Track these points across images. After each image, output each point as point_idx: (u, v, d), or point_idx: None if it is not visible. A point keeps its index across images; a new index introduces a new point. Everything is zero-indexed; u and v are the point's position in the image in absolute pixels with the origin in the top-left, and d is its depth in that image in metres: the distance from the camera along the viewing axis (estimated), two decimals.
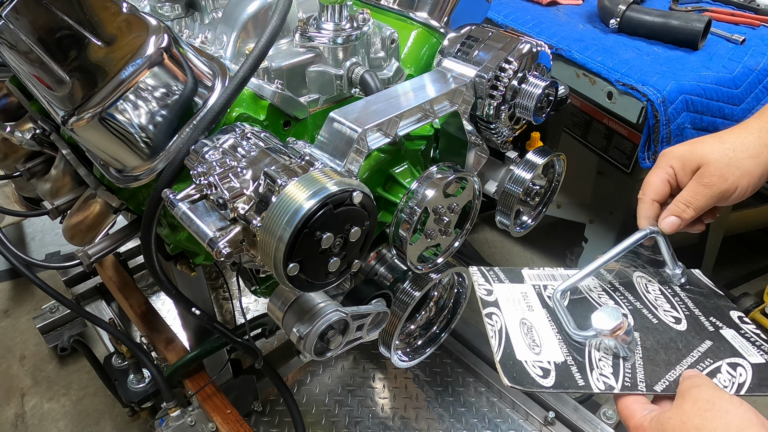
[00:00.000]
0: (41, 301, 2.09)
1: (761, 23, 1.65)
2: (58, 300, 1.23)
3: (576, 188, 1.80)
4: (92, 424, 1.75)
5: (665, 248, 0.84)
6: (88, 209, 1.00)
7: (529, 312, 0.80)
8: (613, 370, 0.72)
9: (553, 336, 0.76)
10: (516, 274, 0.86)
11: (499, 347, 0.73)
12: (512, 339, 0.75)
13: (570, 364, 0.72)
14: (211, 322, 1.02)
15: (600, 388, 0.70)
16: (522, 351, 0.73)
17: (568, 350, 0.74)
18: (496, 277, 0.85)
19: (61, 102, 0.78)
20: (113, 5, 0.83)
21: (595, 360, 0.73)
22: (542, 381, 0.70)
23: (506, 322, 0.77)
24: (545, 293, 0.83)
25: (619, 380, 0.71)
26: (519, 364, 0.72)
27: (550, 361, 0.72)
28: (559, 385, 0.70)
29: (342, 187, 0.66)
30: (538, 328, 0.77)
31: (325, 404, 1.62)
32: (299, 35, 0.91)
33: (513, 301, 0.81)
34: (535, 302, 0.81)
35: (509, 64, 0.90)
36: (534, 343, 0.75)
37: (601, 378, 0.71)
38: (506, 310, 0.79)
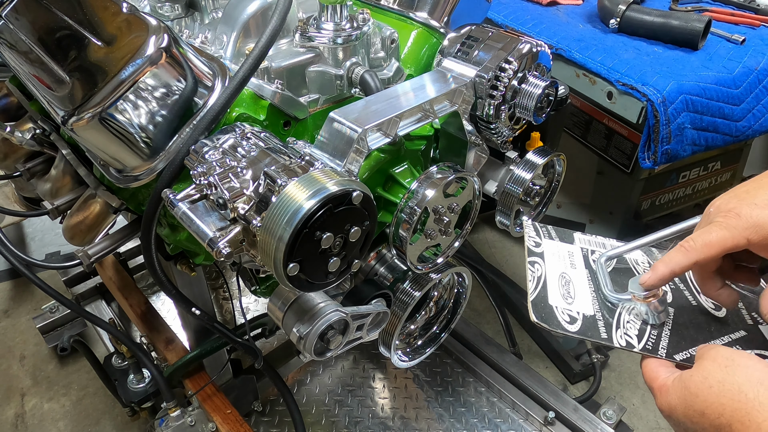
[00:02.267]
0: (41, 301, 2.09)
1: (761, 23, 1.65)
2: (58, 300, 1.23)
3: (576, 188, 1.80)
4: (92, 424, 1.75)
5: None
6: (88, 209, 1.00)
7: (571, 269, 0.82)
8: (638, 333, 0.73)
9: (588, 293, 0.78)
10: (568, 235, 0.88)
11: (534, 290, 0.75)
12: (549, 286, 0.77)
13: (598, 318, 0.74)
14: (211, 322, 1.02)
15: (621, 344, 0.71)
16: (555, 297, 0.76)
17: (599, 307, 0.76)
18: (548, 233, 0.87)
19: (61, 102, 0.78)
20: (113, 5, 0.83)
21: (624, 321, 0.74)
22: (567, 326, 0.72)
23: (547, 271, 0.79)
24: (591, 257, 0.85)
25: (641, 342, 0.72)
26: (549, 308, 0.74)
27: (579, 312, 0.74)
28: (582, 332, 0.72)
29: (342, 187, 0.66)
30: (576, 283, 0.79)
31: (325, 404, 1.62)
32: (299, 35, 0.91)
33: (558, 257, 0.83)
34: (579, 262, 0.83)
35: (509, 64, 0.90)
36: (568, 293, 0.77)
37: (624, 337, 0.72)
38: (549, 262, 0.81)
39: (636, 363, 1.94)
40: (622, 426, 1.52)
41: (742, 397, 0.54)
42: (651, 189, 1.64)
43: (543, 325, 0.71)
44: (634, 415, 1.80)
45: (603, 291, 0.78)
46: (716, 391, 0.56)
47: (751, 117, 1.44)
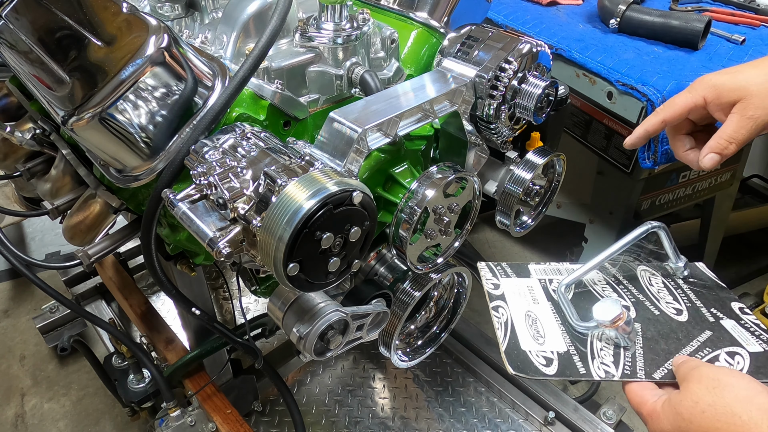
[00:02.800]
0: (41, 301, 2.09)
1: (761, 23, 1.65)
2: (58, 300, 1.23)
3: (576, 188, 1.80)
4: (92, 424, 1.75)
5: (667, 242, 0.86)
6: (88, 209, 1.00)
7: (534, 305, 0.82)
8: (613, 359, 0.74)
9: (557, 327, 0.79)
10: (523, 269, 0.89)
11: (505, 338, 0.76)
12: (517, 330, 0.78)
13: (572, 353, 0.75)
14: (211, 322, 1.02)
15: (600, 375, 0.72)
16: (526, 341, 0.76)
17: (571, 341, 0.77)
18: (503, 271, 0.88)
19: (61, 102, 0.78)
20: (113, 5, 0.83)
21: (597, 349, 0.75)
22: (545, 369, 0.73)
23: (512, 314, 0.80)
24: (551, 287, 0.85)
25: (619, 368, 0.73)
26: (523, 354, 0.74)
27: (553, 351, 0.75)
28: (561, 373, 0.72)
29: (342, 187, 0.66)
30: (542, 320, 0.80)
31: (325, 404, 1.62)
32: (299, 35, 0.91)
33: (519, 295, 0.84)
34: (541, 296, 0.84)
35: (509, 64, 0.90)
36: (538, 333, 0.77)
37: (601, 366, 0.73)
38: (512, 303, 0.82)
39: None
40: (622, 426, 1.52)
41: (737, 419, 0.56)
42: (651, 189, 1.64)
43: (520, 375, 0.72)
44: (634, 415, 1.80)
45: (570, 322, 0.79)
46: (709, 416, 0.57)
47: None
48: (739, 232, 2.20)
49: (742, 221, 2.21)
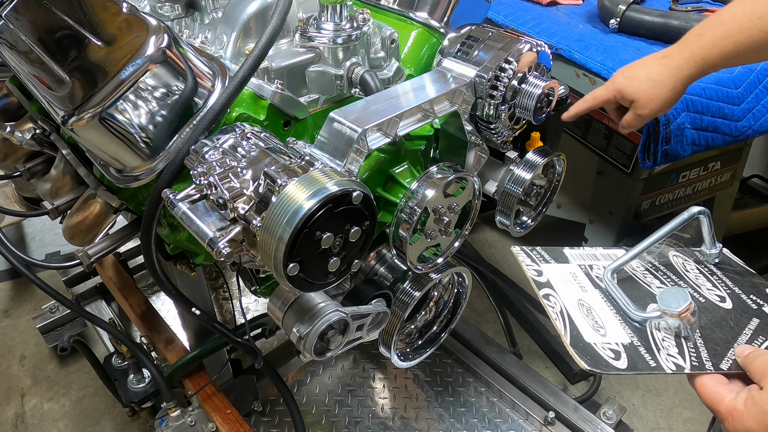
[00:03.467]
0: (41, 301, 2.09)
1: None
2: (58, 300, 1.23)
3: (576, 188, 1.80)
4: (92, 424, 1.75)
5: (707, 227, 0.85)
6: (88, 209, 1.00)
7: (583, 293, 0.78)
8: (678, 350, 0.70)
9: (612, 317, 0.75)
10: (559, 254, 0.85)
11: (565, 330, 0.72)
12: (576, 321, 0.73)
13: (637, 344, 0.71)
14: (211, 322, 1.02)
15: (671, 368, 0.68)
16: (588, 333, 0.72)
17: (631, 331, 0.73)
18: (541, 257, 0.84)
19: (61, 102, 0.78)
20: (113, 5, 0.83)
21: (659, 340, 0.72)
22: (616, 363, 0.68)
23: (564, 303, 0.76)
24: (592, 273, 0.82)
25: (686, 360, 0.69)
26: (589, 347, 0.70)
27: (618, 343, 0.71)
28: (632, 366, 0.68)
29: (342, 187, 0.66)
30: (596, 309, 0.76)
31: (325, 404, 1.62)
32: (299, 35, 0.91)
33: (565, 281, 0.80)
34: (586, 283, 0.80)
35: (509, 64, 0.90)
36: (597, 324, 0.73)
37: (669, 358, 0.70)
38: (561, 291, 0.78)
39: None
40: (622, 426, 1.52)
41: None
42: (651, 189, 1.64)
43: (594, 370, 0.67)
44: (634, 415, 1.80)
45: (626, 311, 0.75)
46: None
47: (751, 117, 1.44)
48: (739, 232, 2.20)
49: (742, 221, 2.21)
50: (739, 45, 0.89)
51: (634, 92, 0.96)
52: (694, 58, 0.92)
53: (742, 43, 0.89)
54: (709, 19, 0.94)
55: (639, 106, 0.97)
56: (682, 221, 0.83)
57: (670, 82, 0.94)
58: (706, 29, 0.92)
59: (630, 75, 0.97)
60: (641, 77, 0.96)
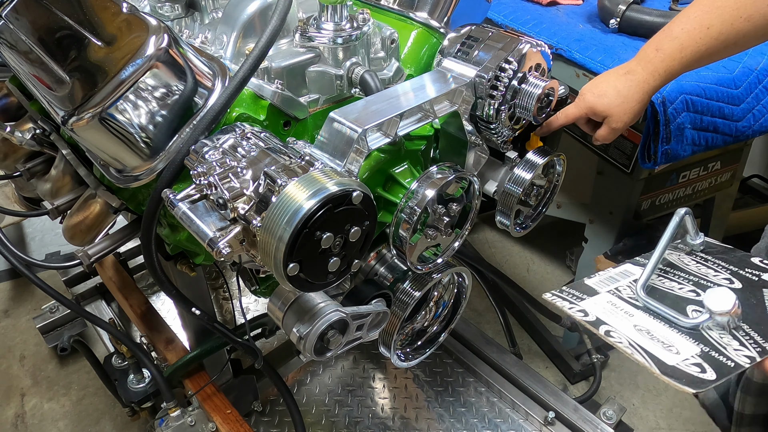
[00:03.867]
0: (41, 301, 2.09)
1: None
2: (58, 300, 1.23)
3: (576, 188, 1.80)
4: (92, 424, 1.75)
5: (692, 222, 0.93)
6: (88, 209, 1.00)
7: (631, 318, 0.79)
8: (738, 342, 0.72)
9: (670, 332, 0.76)
10: (586, 288, 0.86)
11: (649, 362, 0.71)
12: (649, 349, 0.73)
13: (707, 351, 0.72)
14: (211, 322, 1.02)
15: (747, 362, 0.70)
16: (667, 357, 0.72)
17: (693, 339, 0.74)
18: (574, 296, 0.85)
19: (61, 102, 0.78)
20: (113, 5, 0.83)
21: (718, 339, 0.73)
22: (704, 376, 0.69)
23: (627, 334, 0.76)
24: (624, 296, 0.83)
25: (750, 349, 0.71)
26: (678, 370, 0.70)
27: (693, 355, 0.72)
28: (720, 374, 0.69)
29: (342, 187, 0.66)
30: (654, 331, 0.76)
31: (325, 404, 1.62)
32: (299, 35, 0.91)
33: (610, 313, 0.80)
34: (627, 307, 0.81)
35: (509, 64, 0.90)
36: (665, 344, 0.74)
37: (737, 353, 0.71)
38: (615, 324, 0.78)
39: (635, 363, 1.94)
40: (622, 426, 1.52)
41: None
42: (651, 189, 1.64)
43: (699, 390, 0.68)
44: (634, 415, 1.80)
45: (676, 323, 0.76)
46: None
47: (751, 117, 1.44)
48: (739, 232, 2.20)
49: (742, 221, 2.21)
50: (695, 53, 0.97)
51: (606, 109, 1.00)
52: (658, 71, 0.99)
53: (697, 51, 0.96)
54: (661, 33, 1.00)
55: (612, 120, 1.01)
56: (677, 224, 0.89)
57: (638, 96, 1.00)
58: (663, 44, 0.98)
59: (599, 93, 1.01)
60: (611, 94, 1.00)
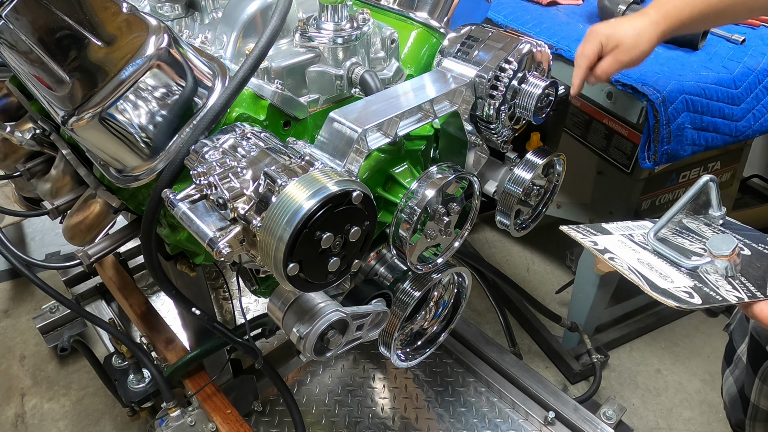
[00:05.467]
0: (41, 301, 2.09)
1: (761, 23, 1.65)
2: (58, 300, 1.23)
3: (576, 188, 1.80)
4: (92, 424, 1.75)
5: (715, 193, 0.95)
6: (88, 209, 1.00)
7: (637, 254, 0.85)
8: (731, 287, 0.78)
9: (670, 268, 0.82)
10: (601, 229, 0.92)
11: (641, 281, 0.78)
12: (645, 274, 0.79)
13: (699, 286, 0.78)
14: (211, 322, 1.02)
15: (734, 300, 0.76)
16: (660, 281, 0.78)
17: (690, 278, 0.80)
18: (588, 231, 0.90)
19: (61, 102, 0.78)
20: (113, 5, 0.83)
21: (714, 281, 0.79)
22: (692, 300, 0.75)
23: (629, 262, 0.82)
24: (635, 240, 0.89)
25: (741, 293, 0.77)
26: (666, 291, 0.76)
27: (685, 286, 0.78)
28: (705, 301, 0.75)
29: (342, 187, 0.66)
30: (655, 265, 0.83)
31: (325, 404, 1.62)
32: (299, 35, 0.91)
33: (619, 247, 0.86)
34: (635, 247, 0.87)
35: (509, 64, 0.90)
36: (662, 275, 0.80)
37: (728, 293, 0.77)
38: (620, 254, 0.84)
39: (635, 363, 1.95)
40: (622, 426, 1.52)
41: None
42: (651, 189, 1.64)
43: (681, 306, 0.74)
44: (634, 415, 1.80)
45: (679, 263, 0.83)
46: None
47: (751, 117, 1.44)
48: None
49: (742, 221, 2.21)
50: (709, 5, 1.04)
51: (621, 36, 1.06)
52: (670, 15, 1.06)
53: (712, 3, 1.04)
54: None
55: (622, 51, 1.06)
56: (698, 189, 0.93)
57: (650, 33, 1.06)
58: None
59: (615, 25, 1.08)
60: (626, 27, 1.07)
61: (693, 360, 1.97)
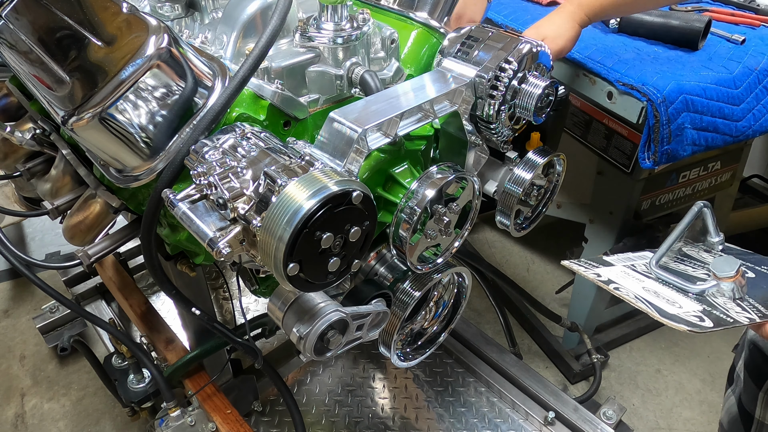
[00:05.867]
0: (41, 301, 2.09)
1: (761, 23, 1.65)
2: (58, 300, 1.23)
3: (576, 188, 1.80)
4: (92, 424, 1.75)
5: (711, 219, 0.95)
6: (88, 209, 1.00)
7: (641, 283, 0.85)
8: (740, 308, 0.78)
9: (677, 294, 0.81)
10: (603, 261, 0.92)
11: (650, 308, 0.77)
12: (652, 301, 0.79)
13: (709, 310, 0.78)
14: (211, 322, 1.02)
15: (746, 321, 0.75)
16: (668, 308, 0.78)
17: (698, 302, 0.79)
18: (590, 264, 0.90)
19: (61, 102, 0.78)
20: (113, 5, 0.83)
21: (723, 304, 0.79)
22: (703, 324, 0.74)
23: (634, 291, 0.82)
24: (638, 270, 0.89)
25: (752, 313, 0.77)
26: (676, 317, 0.76)
27: (695, 310, 0.77)
28: (717, 324, 0.74)
29: (342, 187, 0.66)
30: (661, 292, 0.82)
31: (325, 404, 1.62)
32: (299, 35, 0.91)
33: (623, 278, 0.86)
34: (639, 276, 0.87)
35: (509, 64, 0.90)
36: (670, 301, 0.79)
37: (739, 314, 0.76)
38: (625, 283, 0.84)
39: (635, 363, 1.95)
40: (622, 426, 1.52)
41: None
42: (651, 189, 1.64)
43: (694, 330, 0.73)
44: (634, 415, 1.80)
45: (685, 289, 0.82)
46: None
47: (751, 117, 1.44)
48: (739, 232, 2.20)
49: (742, 221, 2.21)
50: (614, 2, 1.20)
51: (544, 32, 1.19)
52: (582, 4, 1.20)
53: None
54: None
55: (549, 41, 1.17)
56: (693, 216, 0.92)
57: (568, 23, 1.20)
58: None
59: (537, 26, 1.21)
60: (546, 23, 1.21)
61: (693, 360, 1.97)
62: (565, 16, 1.21)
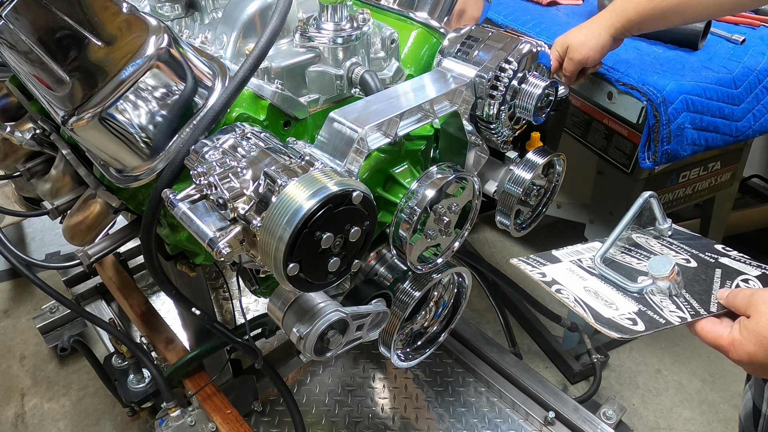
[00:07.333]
0: (41, 301, 2.09)
1: (761, 23, 1.65)
2: (58, 300, 1.23)
3: (576, 188, 1.80)
4: (92, 424, 1.75)
5: (657, 207, 0.98)
6: (88, 209, 1.00)
7: (584, 281, 0.87)
8: (675, 306, 0.80)
9: (615, 294, 0.84)
10: (550, 257, 0.94)
11: (587, 312, 0.80)
12: (591, 304, 0.82)
13: (644, 310, 0.80)
14: (211, 322, 1.02)
15: (677, 320, 0.78)
16: (605, 310, 0.80)
17: (635, 301, 0.82)
18: (537, 262, 0.92)
19: (61, 102, 0.78)
20: (113, 5, 0.83)
21: (658, 302, 0.81)
22: (635, 327, 0.77)
23: (575, 292, 0.84)
24: (584, 264, 0.91)
25: (685, 312, 0.79)
26: (611, 321, 0.78)
27: (630, 312, 0.80)
28: (648, 327, 0.77)
29: (342, 187, 0.66)
30: (601, 292, 0.85)
31: (325, 404, 1.62)
32: (299, 35, 0.91)
33: (566, 277, 0.88)
34: (582, 273, 0.89)
35: (509, 64, 0.90)
36: (607, 302, 0.82)
37: (672, 314, 0.79)
38: (568, 284, 0.86)
39: (635, 363, 1.94)
40: (622, 426, 1.52)
41: None
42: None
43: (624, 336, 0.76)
44: (634, 415, 1.80)
45: (624, 287, 0.85)
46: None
47: (751, 117, 1.44)
48: (739, 232, 2.20)
49: (742, 221, 2.21)
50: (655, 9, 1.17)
51: (570, 39, 1.24)
52: (616, 10, 1.20)
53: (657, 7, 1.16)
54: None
55: (572, 50, 1.24)
56: (639, 206, 0.96)
57: (597, 30, 1.22)
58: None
59: (568, 32, 1.26)
60: (575, 31, 1.25)
61: (693, 360, 1.97)
62: (597, 25, 1.21)
